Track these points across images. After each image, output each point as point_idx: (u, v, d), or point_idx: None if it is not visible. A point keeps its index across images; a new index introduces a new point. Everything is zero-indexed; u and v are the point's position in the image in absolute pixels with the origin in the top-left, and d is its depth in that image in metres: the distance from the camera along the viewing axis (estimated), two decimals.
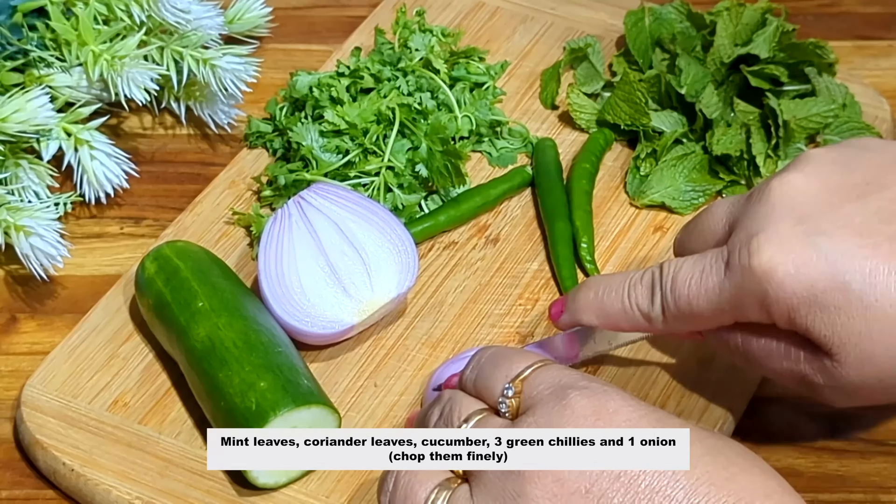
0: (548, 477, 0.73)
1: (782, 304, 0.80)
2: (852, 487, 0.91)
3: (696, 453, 0.74)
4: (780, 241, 0.79)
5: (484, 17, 1.20)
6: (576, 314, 0.88)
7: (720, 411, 0.92)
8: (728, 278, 0.81)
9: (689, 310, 0.83)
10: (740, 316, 0.83)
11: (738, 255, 0.81)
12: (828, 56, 1.08)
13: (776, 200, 0.81)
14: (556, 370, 0.78)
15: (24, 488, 0.92)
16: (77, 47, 1.06)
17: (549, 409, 0.75)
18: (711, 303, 0.82)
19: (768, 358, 0.84)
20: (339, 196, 0.98)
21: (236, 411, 0.86)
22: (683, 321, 0.84)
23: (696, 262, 0.83)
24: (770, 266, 0.79)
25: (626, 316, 0.86)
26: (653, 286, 0.85)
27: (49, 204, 1.03)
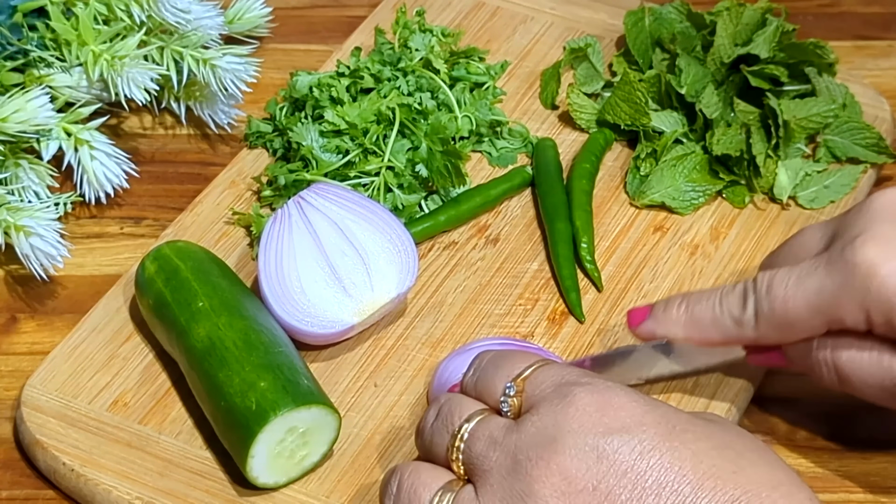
0: (555, 476, 0.73)
1: (884, 302, 0.80)
2: (852, 487, 0.91)
3: (703, 448, 0.74)
4: (884, 240, 0.80)
5: (484, 17, 1.20)
6: (663, 323, 0.88)
7: (720, 411, 0.92)
8: (829, 276, 0.81)
9: (784, 312, 0.83)
10: (835, 320, 0.82)
11: (840, 253, 0.81)
12: (828, 56, 1.08)
13: (878, 207, 0.83)
14: (558, 368, 0.79)
15: (24, 488, 0.92)
16: (77, 47, 1.06)
17: (553, 406, 0.75)
18: (809, 303, 0.82)
19: (860, 370, 0.84)
20: (339, 196, 0.98)
21: (236, 411, 0.86)
22: (776, 326, 0.84)
23: (792, 268, 0.84)
24: (874, 263, 0.80)
25: (716, 323, 0.86)
26: (745, 293, 0.85)
27: (49, 204, 1.03)
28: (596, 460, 0.73)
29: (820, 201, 1.05)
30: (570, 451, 0.74)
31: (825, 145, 1.07)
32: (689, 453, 0.74)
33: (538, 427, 0.75)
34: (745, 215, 1.05)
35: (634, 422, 0.74)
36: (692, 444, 0.74)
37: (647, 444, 0.74)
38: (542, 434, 0.75)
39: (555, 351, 0.96)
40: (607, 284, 1.00)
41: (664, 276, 1.01)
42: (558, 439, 0.74)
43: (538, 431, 0.75)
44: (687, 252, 1.02)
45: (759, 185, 1.05)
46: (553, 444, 0.74)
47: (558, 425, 0.75)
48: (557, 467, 0.73)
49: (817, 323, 0.83)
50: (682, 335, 0.87)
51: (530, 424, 0.76)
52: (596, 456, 0.73)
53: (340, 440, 0.90)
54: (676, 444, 0.74)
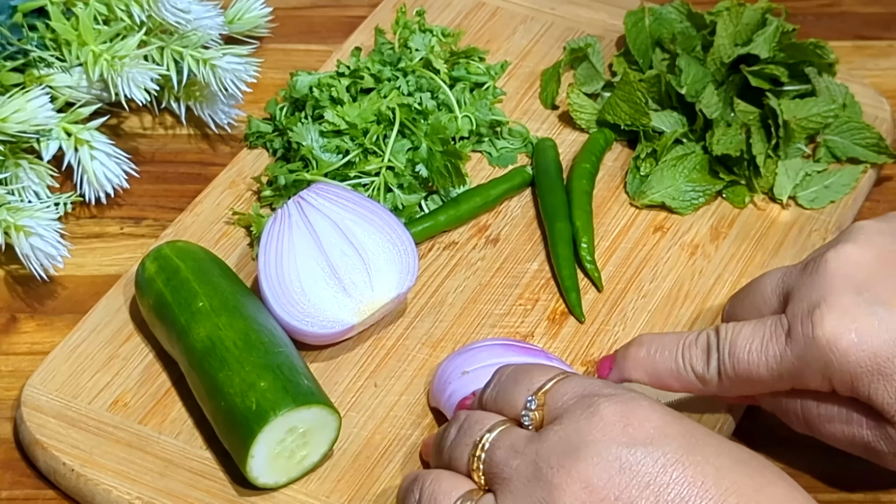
0: (576, 484, 0.73)
1: (845, 373, 0.81)
2: (852, 487, 0.91)
3: (725, 465, 0.74)
4: (842, 311, 0.81)
5: (484, 17, 1.20)
6: (625, 371, 0.88)
7: (720, 411, 0.92)
8: (790, 347, 0.82)
9: (747, 375, 0.84)
10: (800, 384, 0.83)
11: (800, 326, 0.82)
12: (828, 56, 1.08)
13: (833, 271, 0.83)
14: (579, 380, 0.78)
15: (24, 488, 0.92)
16: (77, 47, 1.06)
17: (577, 417, 0.75)
18: (772, 370, 0.83)
19: (829, 423, 0.85)
20: (339, 196, 0.98)
21: (236, 411, 0.86)
22: (740, 386, 0.85)
23: (755, 329, 0.84)
24: (834, 336, 0.80)
25: (679, 377, 0.86)
26: (708, 349, 0.85)
27: (49, 204, 1.03)
28: (619, 470, 0.73)
29: (820, 201, 1.05)
30: (593, 460, 0.73)
31: (825, 145, 1.07)
32: (712, 469, 0.73)
33: (561, 436, 0.75)
34: (745, 215, 1.05)
35: (658, 434, 0.74)
36: (714, 459, 0.74)
37: (670, 456, 0.73)
38: (565, 443, 0.74)
39: (554, 351, 0.96)
40: (607, 284, 1.00)
41: (664, 276, 1.01)
42: (581, 448, 0.74)
43: (561, 440, 0.75)
44: (687, 252, 1.02)
45: (759, 185, 1.05)
46: (576, 452, 0.74)
47: (581, 434, 0.74)
48: (579, 476, 0.73)
49: (782, 385, 0.84)
50: (646, 381, 0.88)
51: (553, 433, 0.75)
52: (619, 466, 0.73)
53: (340, 440, 0.90)
54: (699, 459, 0.74)
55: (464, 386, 0.89)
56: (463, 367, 0.90)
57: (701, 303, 0.99)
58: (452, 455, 0.79)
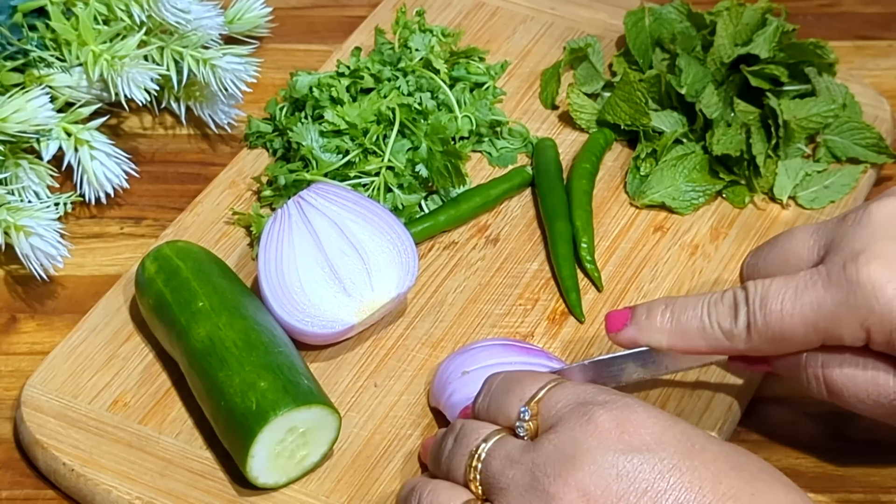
0: (573, 493, 0.73)
1: (886, 322, 0.79)
2: (852, 487, 0.91)
3: (722, 469, 0.73)
4: (889, 259, 0.79)
5: (484, 17, 1.20)
6: (646, 330, 0.85)
7: (720, 411, 0.92)
8: (829, 293, 0.80)
9: (779, 326, 0.82)
10: (831, 336, 0.81)
11: (843, 272, 0.80)
12: (828, 56, 1.08)
13: (878, 221, 0.81)
14: (572, 387, 0.78)
15: (24, 488, 0.92)
16: (77, 47, 1.06)
17: (572, 425, 0.75)
18: (806, 320, 0.81)
19: (853, 385, 0.83)
20: (339, 196, 0.98)
21: (236, 411, 0.86)
22: (769, 340, 0.83)
23: (787, 280, 0.82)
24: (878, 283, 0.79)
25: (705, 334, 0.84)
26: (736, 304, 0.83)
27: (49, 204, 1.03)
28: (615, 478, 0.73)
29: (820, 201, 1.05)
30: (589, 469, 0.73)
31: (825, 145, 1.07)
32: (709, 473, 0.73)
33: (556, 445, 0.75)
34: (745, 215, 1.05)
35: (654, 440, 0.74)
36: (711, 464, 0.74)
37: (666, 462, 0.73)
38: (561, 451, 0.74)
39: (554, 351, 0.96)
40: (607, 284, 1.00)
41: (664, 276, 1.01)
42: (577, 457, 0.74)
43: (556, 449, 0.75)
44: (687, 252, 1.02)
45: (759, 185, 1.05)
46: (572, 461, 0.74)
47: (577, 443, 0.74)
48: (576, 484, 0.73)
49: (813, 338, 0.82)
50: (667, 344, 0.85)
51: (548, 443, 0.75)
52: (615, 473, 0.73)
53: (340, 440, 0.90)
54: (696, 464, 0.74)
55: (464, 386, 0.89)
56: (463, 367, 0.90)
57: None
58: (450, 465, 0.79)
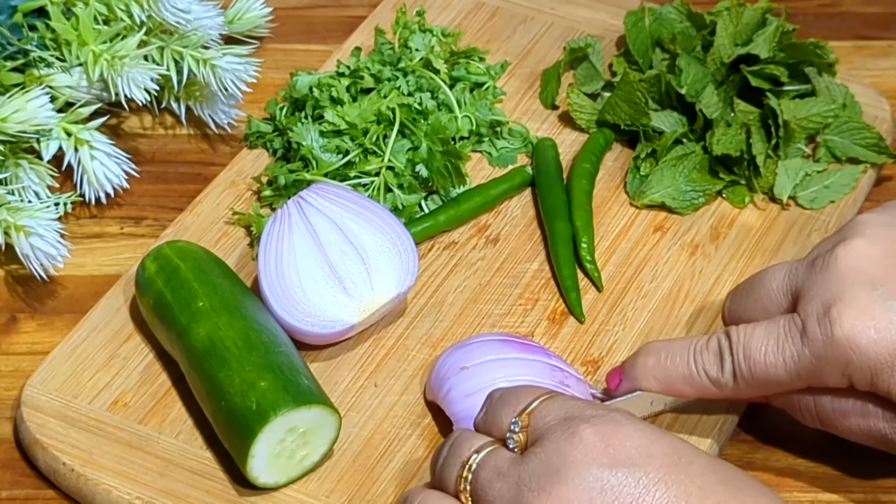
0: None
1: (865, 369, 0.81)
2: (852, 487, 0.91)
3: (709, 483, 0.73)
4: (859, 308, 0.81)
5: (484, 17, 1.20)
6: (635, 381, 0.88)
7: (720, 411, 0.92)
8: (807, 347, 0.82)
9: (764, 376, 0.84)
10: (817, 382, 0.83)
11: (817, 326, 0.82)
12: (828, 56, 1.08)
13: (845, 268, 0.83)
14: (563, 401, 0.78)
15: (24, 488, 0.92)
16: (77, 47, 1.06)
17: (558, 439, 0.75)
18: (790, 371, 0.83)
19: (843, 418, 0.85)
20: (339, 196, 0.98)
21: (237, 411, 0.86)
22: (756, 387, 0.85)
23: (768, 330, 0.84)
24: (853, 334, 0.80)
25: (692, 382, 0.86)
26: (721, 353, 0.85)
27: (49, 204, 1.03)
28: (600, 492, 0.73)
29: (820, 201, 1.05)
30: (573, 483, 0.73)
31: (825, 145, 1.07)
32: (695, 488, 0.73)
33: (542, 459, 0.75)
34: (745, 215, 1.05)
35: (640, 454, 0.74)
36: (698, 477, 0.74)
37: (652, 476, 0.73)
38: (546, 465, 0.74)
39: (555, 351, 0.96)
40: (607, 284, 1.01)
41: (664, 276, 1.01)
42: (562, 471, 0.74)
43: (542, 463, 0.75)
44: (687, 252, 1.02)
45: (759, 185, 1.05)
46: (556, 475, 0.74)
47: (562, 457, 0.74)
48: (559, 498, 0.73)
49: (798, 384, 0.84)
50: (657, 389, 0.88)
51: (534, 456, 0.75)
52: (599, 488, 0.73)
53: (340, 440, 0.90)
54: (682, 478, 0.73)
55: (462, 381, 0.89)
56: (462, 363, 0.90)
57: (701, 303, 0.99)
58: (442, 474, 0.79)
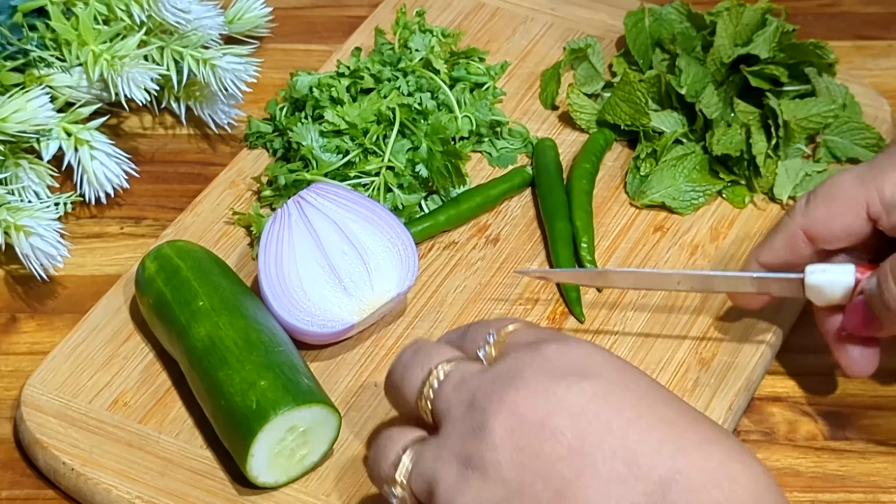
0: (505, 411, 0.74)
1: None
2: (852, 487, 0.91)
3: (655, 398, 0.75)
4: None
5: (484, 18, 1.20)
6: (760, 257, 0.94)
7: (720, 411, 0.92)
8: (878, 156, 0.90)
9: (831, 185, 0.90)
10: (877, 189, 0.88)
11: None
12: (828, 56, 1.08)
13: None
14: (541, 329, 0.80)
15: (24, 488, 0.92)
16: (77, 47, 1.06)
17: (522, 354, 0.77)
18: (855, 175, 0.89)
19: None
20: (339, 196, 0.98)
21: (237, 410, 0.86)
22: (822, 202, 0.90)
23: None
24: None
25: (778, 225, 0.93)
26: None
27: (49, 204, 1.03)
28: (545, 398, 0.74)
29: None
30: (524, 390, 0.74)
31: (825, 145, 1.07)
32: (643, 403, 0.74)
33: (502, 369, 0.76)
34: (745, 215, 1.05)
35: (590, 369, 0.75)
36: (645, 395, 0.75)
37: (598, 389, 0.74)
38: (503, 374, 0.76)
39: None
40: None
41: None
42: (515, 378, 0.75)
43: (501, 373, 0.76)
44: (687, 252, 1.03)
45: (759, 185, 1.05)
46: (510, 382, 0.75)
47: (519, 367, 0.76)
48: (509, 403, 0.74)
49: (859, 195, 0.89)
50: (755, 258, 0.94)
51: (496, 368, 0.77)
52: (546, 395, 0.74)
53: (340, 439, 0.90)
54: (628, 394, 0.74)
55: None
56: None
57: (701, 303, 0.99)
58: (404, 377, 0.80)
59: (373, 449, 0.80)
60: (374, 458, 0.80)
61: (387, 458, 0.78)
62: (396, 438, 0.79)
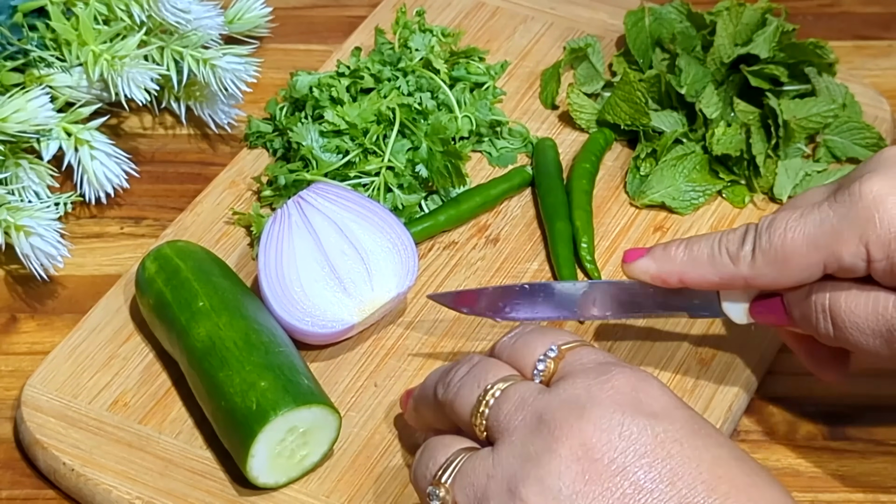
0: (575, 439, 0.74)
1: (885, 233, 0.81)
2: (852, 487, 0.91)
3: (723, 455, 0.74)
4: (889, 176, 0.81)
5: (484, 17, 1.20)
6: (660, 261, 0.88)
7: (720, 411, 0.92)
8: (832, 209, 0.82)
9: (782, 245, 0.83)
10: (833, 255, 0.82)
11: (847, 189, 0.82)
12: (828, 56, 1.08)
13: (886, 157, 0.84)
14: (600, 351, 0.80)
15: (24, 488, 0.92)
16: (77, 47, 1.06)
17: (591, 379, 0.76)
18: (808, 237, 0.83)
19: (854, 314, 0.83)
20: (338, 196, 0.98)
21: (237, 411, 0.86)
22: (772, 261, 0.84)
23: (795, 206, 0.85)
24: (878, 195, 0.81)
25: (713, 260, 0.86)
26: (746, 231, 0.86)
27: (49, 204, 1.03)
28: (618, 436, 0.74)
29: None
30: (597, 421, 0.74)
31: (825, 145, 1.07)
32: (710, 456, 0.74)
33: (570, 394, 0.76)
34: (745, 215, 1.05)
35: (664, 411, 0.75)
36: (714, 448, 0.74)
37: (671, 434, 0.74)
38: (574, 400, 0.75)
39: None
40: None
41: None
42: (588, 407, 0.74)
43: (570, 397, 0.75)
44: None
45: (759, 185, 1.06)
46: (582, 410, 0.74)
47: (591, 395, 0.75)
48: (580, 432, 0.74)
49: (814, 259, 0.83)
50: (677, 274, 0.87)
51: (562, 391, 0.76)
52: (619, 432, 0.74)
53: (340, 440, 0.90)
54: (699, 444, 0.74)
55: None
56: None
57: None
58: (458, 393, 0.80)
59: (422, 453, 0.80)
60: (421, 460, 0.79)
61: (436, 461, 0.78)
62: (448, 444, 0.79)
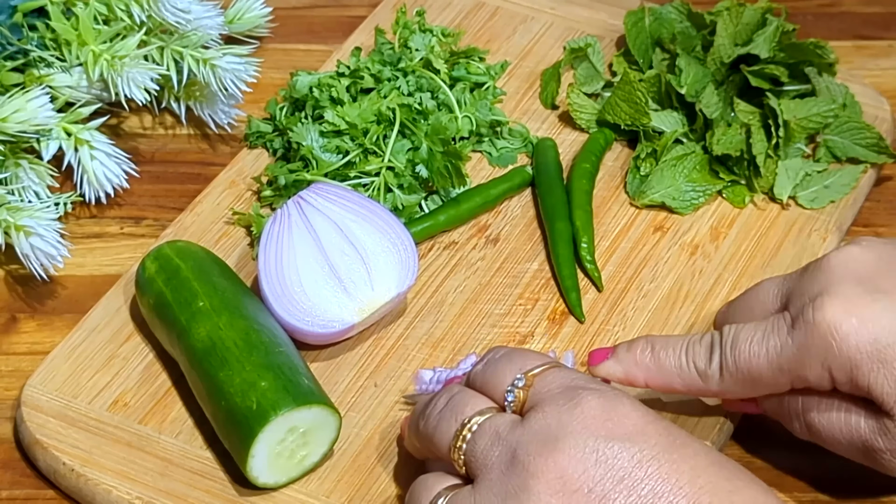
0: (552, 472, 0.74)
1: (845, 359, 0.81)
2: (852, 488, 0.91)
3: (701, 464, 0.74)
4: (844, 298, 0.81)
5: (484, 17, 1.20)
6: (625, 364, 0.87)
7: (720, 412, 0.92)
8: (791, 337, 0.82)
9: (747, 368, 0.84)
10: (799, 378, 0.83)
11: (801, 315, 0.82)
12: (828, 56, 1.08)
13: (835, 267, 0.83)
14: (569, 372, 0.79)
15: (24, 488, 0.92)
16: (77, 47, 1.06)
17: (560, 407, 0.76)
18: (772, 362, 0.83)
19: (828, 424, 0.85)
20: (338, 196, 0.98)
21: (237, 411, 0.86)
22: (740, 382, 0.84)
23: (757, 325, 0.84)
24: (835, 321, 0.80)
25: (681, 373, 0.86)
26: (712, 346, 0.85)
27: (49, 204, 1.03)
28: (594, 463, 0.74)
29: (820, 201, 1.05)
30: (570, 451, 0.74)
31: (825, 145, 1.07)
32: (688, 467, 0.74)
33: (542, 425, 0.76)
34: (745, 215, 1.05)
35: (637, 430, 0.75)
36: (691, 458, 0.74)
37: (646, 452, 0.74)
38: (545, 432, 0.75)
39: (555, 351, 0.96)
40: (607, 284, 1.01)
41: (664, 276, 1.01)
42: (560, 438, 0.75)
43: (541, 429, 0.75)
44: (687, 252, 1.03)
45: (759, 185, 1.06)
46: (555, 442, 0.74)
47: (562, 425, 0.75)
48: (555, 465, 0.74)
49: (781, 380, 0.84)
50: (643, 380, 0.87)
51: (534, 422, 0.76)
52: (595, 459, 0.74)
53: (340, 440, 0.90)
54: (676, 457, 0.74)
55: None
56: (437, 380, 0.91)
57: (701, 303, 0.99)
58: (437, 428, 0.80)
59: (409, 494, 0.80)
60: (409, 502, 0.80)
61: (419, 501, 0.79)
62: (431, 485, 0.79)
